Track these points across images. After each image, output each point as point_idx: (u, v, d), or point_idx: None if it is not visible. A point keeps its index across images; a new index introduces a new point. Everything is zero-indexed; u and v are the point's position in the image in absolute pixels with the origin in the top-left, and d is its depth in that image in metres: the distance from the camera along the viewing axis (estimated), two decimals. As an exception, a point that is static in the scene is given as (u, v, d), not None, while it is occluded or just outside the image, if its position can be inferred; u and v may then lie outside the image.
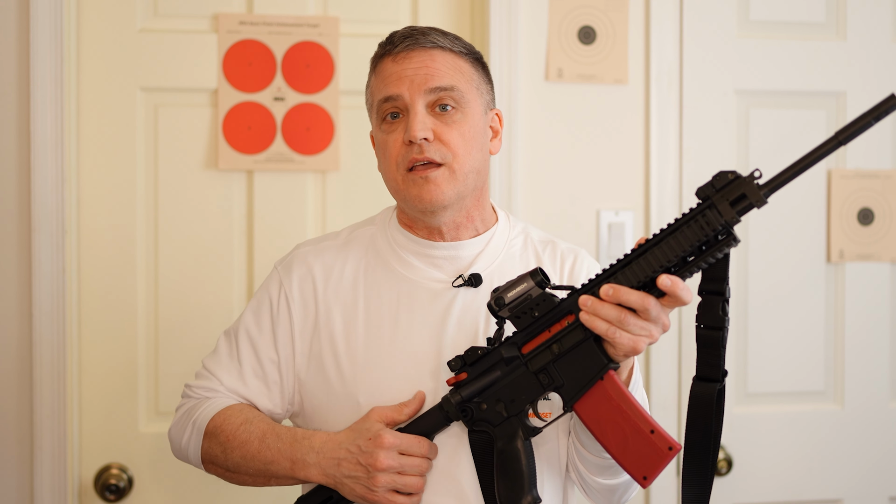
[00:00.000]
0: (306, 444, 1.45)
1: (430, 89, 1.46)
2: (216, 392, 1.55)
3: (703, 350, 1.36)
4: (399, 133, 1.48)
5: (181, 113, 2.19)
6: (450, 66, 1.49)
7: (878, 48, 2.38)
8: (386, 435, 1.41)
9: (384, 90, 1.49)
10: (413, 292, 1.51)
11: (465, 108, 1.48)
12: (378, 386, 1.48)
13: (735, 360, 2.35)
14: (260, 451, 1.47)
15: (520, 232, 1.59)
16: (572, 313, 1.37)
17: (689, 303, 1.31)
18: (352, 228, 1.62)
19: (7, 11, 2.07)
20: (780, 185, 1.29)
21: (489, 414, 1.40)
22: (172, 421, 1.58)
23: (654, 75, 2.29)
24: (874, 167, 2.39)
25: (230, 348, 1.57)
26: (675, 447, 1.34)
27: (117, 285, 2.16)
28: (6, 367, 2.09)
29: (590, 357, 1.36)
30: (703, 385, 1.38)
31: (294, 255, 1.60)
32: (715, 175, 1.30)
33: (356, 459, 1.41)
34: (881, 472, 2.40)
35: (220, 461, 1.51)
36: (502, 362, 1.40)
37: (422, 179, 1.46)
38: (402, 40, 1.50)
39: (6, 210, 2.08)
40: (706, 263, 1.31)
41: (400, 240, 1.55)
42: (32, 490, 2.09)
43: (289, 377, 1.54)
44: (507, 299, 1.38)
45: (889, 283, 2.40)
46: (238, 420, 1.49)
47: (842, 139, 1.27)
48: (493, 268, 1.53)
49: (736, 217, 1.28)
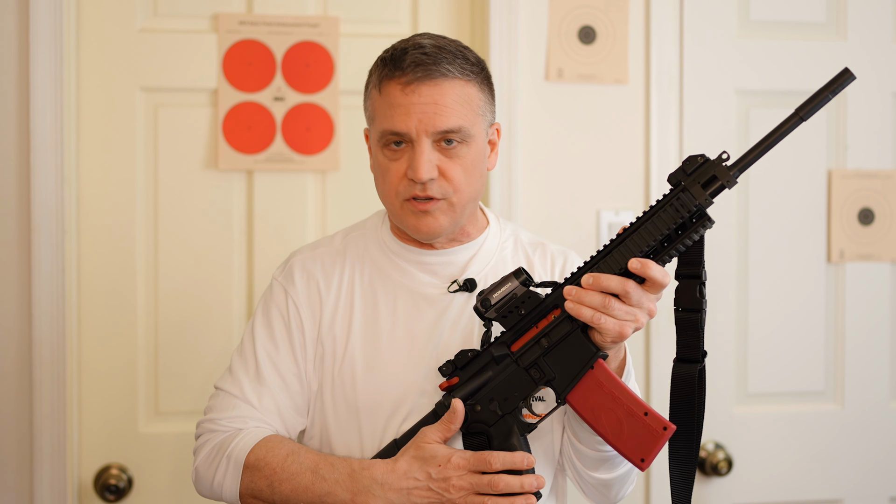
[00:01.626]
0: (367, 476, 1.40)
1: (438, 132, 1.43)
2: (245, 420, 1.49)
3: (683, 332, 1.39)
4: (402, 164, 1.45)
5: (181, 113, 2.19)
6: (459, 99, 1.45)
7: (878, 48, 2.38)
8: (457, 456, 1.38)
9: (391, 123, 1.45)
10: (409, 298, 1.51)
11: (470, 142, 1.47)
12: (375, 390, 1.48)
13: (735, 360, 2.35)
14: (314, 484, 1.41)
15: (510, 234, 1.60)
16: (558, 307, 1.39)
17: (666, 284, 1.34)
18: (345, 233, 1.62)
19: (7, 11, 2.07)
20: (748, 165, 1.35)
21: (484, 415, 1.41)
22: (197, 460, 1.51)
23: (654, 75, 2.29)
24: (874, 167, 2.39)
25: (247, 368, 1.52)
26: (669, 427, 1.36)
27: (117, 285, 2.16)
28: (6, 367, 2.09)
29: (578, 347, 1.37)
30: (684, 366, 1.41)
31: (293, 262, 1.58)
32: (685, 160, 1.35)
33: (426, 486, 1.38)
34: (881, 472, 2.40)
35: (265, 495, 1.44)
36: (493, 362, 1.41)
37: (421, 212, 1.46)
38: (412, 68, 1.43)
39: (6, 210, 2.08)
40: (683, 246, 1.34)
41: (393, 247, 1.55)
42: (32, 490, 2.09)
43: (310, 386, 1.53)
44: (492, 300, 1.39)
45: (889, 283, 2.40)
46: (283, 451, 1.44)
47: (803, 115, 1.33)
48: (487, 270, 1.54)
49: (708, 199, 1.33)
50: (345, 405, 1.50)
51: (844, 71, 1.31)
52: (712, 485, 2.33)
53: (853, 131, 2.38)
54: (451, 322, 1.49)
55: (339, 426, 1.50)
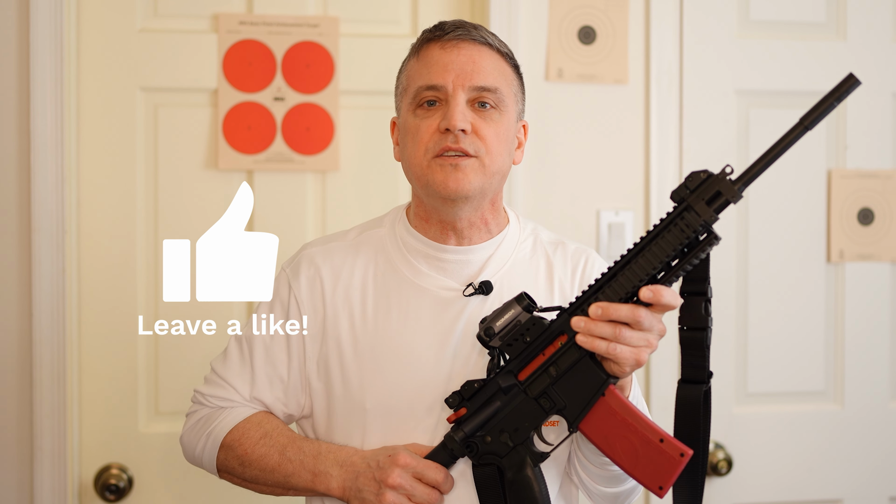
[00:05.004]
0: (331, 458, 1.44)
1: (475, 87, 1.45)
2: (231, 402, 1.54)
3: (688, 352, 1.36)
4: (434, 120, 1.45)
5: (181, 113, 2.19)
6: (496, 66, 1.48)
7: (878, 48, 2.38)
8: (403, 454, 1.39)
9: (427, 77, 1.46)
10: (423, 299, 1.49)
11: (503, 110, 1.47)
12: (385, 392, 1.47)
13: (735, 360, 2.35)
14: (280, 465, 1.47)
15: (530, 233, 1.58)
16: (564, 333, 1.35)
17: (677, 306, 1.31)
18: (361, 229, 1.59)
19: (7, 11, 2.07)
20: (753, 178, 1.30)
21: (494, 446, 1.39)
22: (185, 427, 1.58)
23: (654, 75, 2.29)
24: (874, 167, 2.38)
25: (242, 354, 1.55)
26: (686, 453, 1.33)
27: (117, 285, 2.16)
28: (6, 367, 2.09)
29: (588, 375, 1.34)
30: (689, 388, 1.38)
31: (302, 255, 1.58)
32: (687, 176, 1.30)
33: (372, 474, 1.40)
34: (881, 472, 2.40)
35: (236, 472, 1.51)
36: (500, 392, 1.38)
37: (451, 166, 1.43)
38: (453, 29, 1.47)
39: (6, 210, 2.08)
40: (690, 266, 1.31)
41: (409, 242, 1.53)
42: (32, 490, 2.09)
43: (302, 380, 1.53)
44: (496, 328, 1.36)
45: (889, 283, 2.40)
46: (256, 434, 1.49)
47: (807, 124, 1.28)
48: (504, 272, 1.51)
49: (714, 215, 1.29)
50: (350, 404, 1.49)
51: (849, 77, 1.26)
52: (712, 485, 2.33)
53: (853, 131, 2.38)
54: (463, 325, 1.47)
55: (344, 425, 1.49)
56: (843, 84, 1.26)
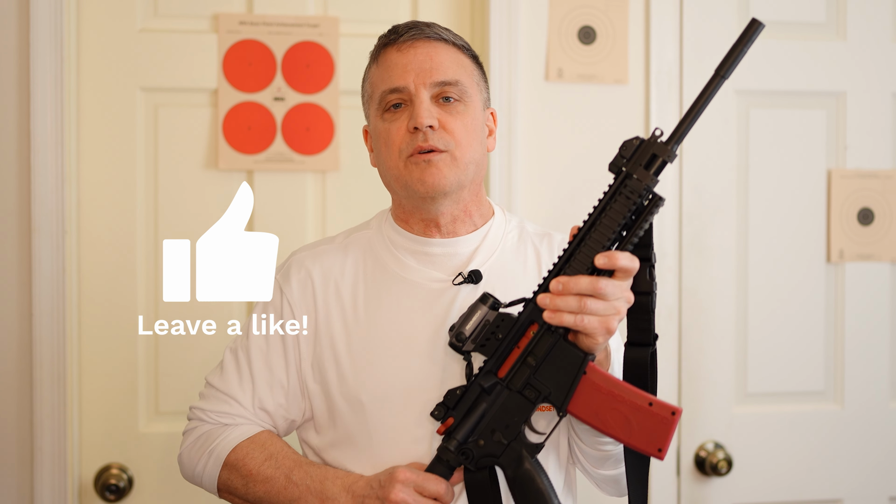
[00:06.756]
0: (339, 483, 1.45)
1: (436, 83, 1.48)
2: (233, 416, 1.54)
3: (634, 315, 1.38)
4: (402, 122, 1.48)
5: (181, 113, 2.19)
6: (454, 59, 1.51)
7: (878, 48, 2.38)
8: (403, 469, 1.41)
9: (389, 81, 1.50)
10: (413, 293, 1.51)
11: (467, 101, 1.50)
12: (380, 383, 1.48)
13: (735, 360, 2.35)
14: (286, 488, 1.47)
15: (515, 226, 1.60)
16: (534, 322, 1.37)
17: (637, 268, 1.33)
18: (347, 233, 1.62)
19: (7, 11, 2.07)
20: (682, 136, 1.35)
21: (489, 448, 1.39)
22: (183, 445, 1.57)
23: (654, 75, 2.29)
24: (874, 167, 2.39)
25: (239, 364, 1.56)
26: (676, 411, 1.35)
27: (117, 285, 2.16)
28: (6, 367, 2.09)
29: (566, 357, 1.36)
30: (636, 350, 1.40)
31: (291, 261, 1.60)
32: (621, 146, 1.35)
33: (375, 494, 1.41)
34: (881, 472, 2.40)
35: (238, 493, 1.51)
36: (484, 393, 1.39)
37: (424, 163, 1.46)
38: (406, 30, 1.52)
39: (6, 210, 2.09)
40: (642, 230, 1.34)
41: (396, 239, 1.55)
42: (32, 490, 2.09)
43: (300, 384, 1.54)
44: (466, 332, 1.38)
45: (889, 283, 2.40)
46: (261, 456, 1.49)
47: (723, 73, 1.35)
48: (492, 262, 1.53)
49: (654, 178, 1.33)
50: (348, 400, 1.49)
51: (752, 22, 1.32)
52: (712, 485, 2.33)
53: (853, 131, 2.38)
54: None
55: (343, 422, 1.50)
56: (748, 30, 1.33)
